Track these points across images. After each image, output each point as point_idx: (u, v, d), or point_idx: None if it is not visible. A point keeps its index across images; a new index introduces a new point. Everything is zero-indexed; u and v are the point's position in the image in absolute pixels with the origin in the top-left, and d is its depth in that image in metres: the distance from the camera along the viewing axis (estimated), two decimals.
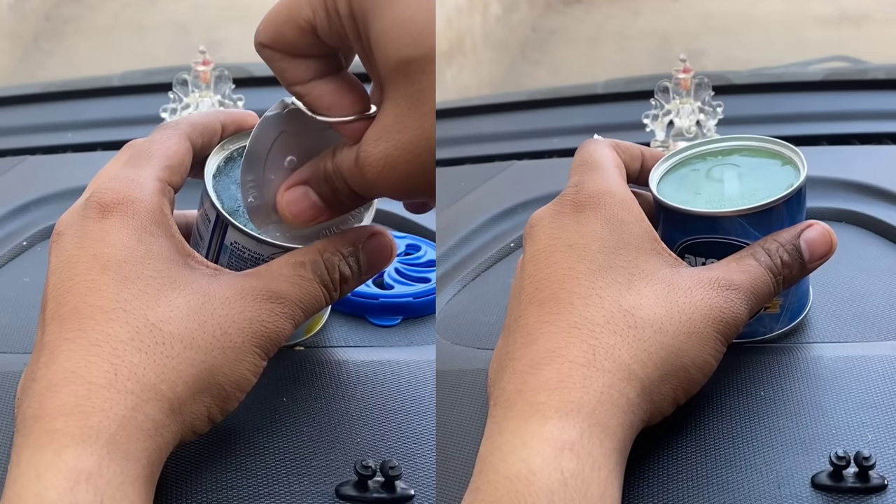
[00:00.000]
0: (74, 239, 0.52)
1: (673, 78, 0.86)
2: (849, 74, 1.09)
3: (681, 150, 0.61)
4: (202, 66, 0.87)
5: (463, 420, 0.59)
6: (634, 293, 0.51)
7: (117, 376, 0.48)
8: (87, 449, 0.45)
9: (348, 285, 0.55)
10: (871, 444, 0.53)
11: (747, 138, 0.61)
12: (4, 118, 1.03)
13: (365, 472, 0.51)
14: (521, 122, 1.08)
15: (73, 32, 2.69)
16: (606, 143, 0.59)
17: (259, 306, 0.51)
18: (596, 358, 0.49)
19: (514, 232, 0.80)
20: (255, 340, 0.51)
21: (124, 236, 0.51)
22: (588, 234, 0.53)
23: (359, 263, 0.55)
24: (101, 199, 0.52)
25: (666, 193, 0.58)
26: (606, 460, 0.47)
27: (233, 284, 0.52)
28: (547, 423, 0.47)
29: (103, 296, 0.50)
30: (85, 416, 0.46)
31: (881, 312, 0.63)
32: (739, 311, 0.53)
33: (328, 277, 0.54)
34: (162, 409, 0.48)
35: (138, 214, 0.52)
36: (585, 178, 0.56)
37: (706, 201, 0.57)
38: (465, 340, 0.67)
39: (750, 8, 2.87)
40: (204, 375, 0.49)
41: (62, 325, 0.49)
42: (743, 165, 0.60)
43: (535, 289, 0.53)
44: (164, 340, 0.49)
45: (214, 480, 0.52)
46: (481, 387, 0.59)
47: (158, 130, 0.56)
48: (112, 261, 0.51)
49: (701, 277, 0.53)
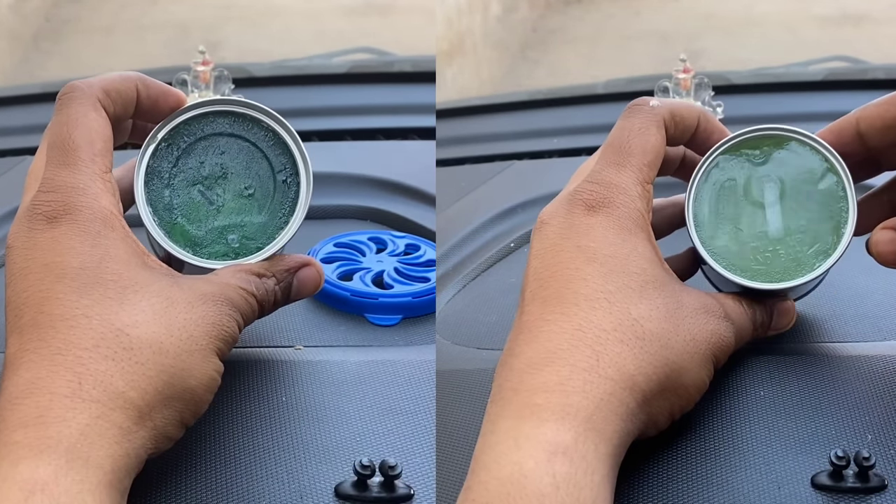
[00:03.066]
0: (23, 251, 0.51)
1: (673, 78, 0.86)
2: (849, 74, 1.09)
3: (715, 148, 0.57)
4: (202, 66, 0.87)
5: (463, 420, 0.59)
6: (646, 303, 0.51)
7: (81, 385, 0.47)
8: (43, 459, 0.45)
9: (276, 307, 0.57)
10: (870, 444, 0.53)
11: (778, 129, 0.58)
12: (4, 118, 1.03)
13: (364, 471, 0.51)
14: (521, 122, 1.08)
15: (73, 32, 2.69)
16: (655, 122, 0.56)
17: (219, 310, 0.52)
18: (599, 364, 0.49)
19: (514, 232, 0.80)
20: (217, 343, 0.51)
21: (76, 243, 0.51)
22: (599, 238, 0.52)
23: (289, 289, 0.57)
24: (46, 211, 0.51)
25: (702, 223, 0.56)
26: (600, 465, 0.46)
27: (193, 288, 0.52)
28: (542, 425, 0.47)
29: (62, 304, 0.49)
30: (44, 427, 0.46)
31: (881, 312, 0.63)
32: (732, 343, 0.54)
33: (265, 298, 0.55)
34: (130, 416, 0.47)
35: (88, 220, 0.51)
36: (607, 172, 0.54)
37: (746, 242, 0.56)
38: (465, 340, 0.67)
39: (750, 8, 2.87)
40: (174, 380, 0.49)
41: (21, 336, 0.49)
42: (784, 175, 0.57)
43: (538, 286, 0.52)
44: (132, 346, 0.49)
45: (213, 480, 0.52)
46: (481, 387, 0.59)
47: (69, 102, 0.54)
48: (67, 268, 0.50)
49: (706, 302, 0.53)
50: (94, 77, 0.56)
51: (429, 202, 0.79)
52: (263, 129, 0.58)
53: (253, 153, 0.58)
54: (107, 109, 0.55)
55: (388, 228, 0.77)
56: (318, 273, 0.58)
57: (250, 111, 0.58)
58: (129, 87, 0.56)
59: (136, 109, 0.56)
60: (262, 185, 0.57)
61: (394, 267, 0.70)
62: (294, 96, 1.02)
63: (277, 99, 1.01)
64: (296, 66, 1.11)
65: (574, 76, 2.58)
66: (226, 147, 0.57)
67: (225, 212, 0.57)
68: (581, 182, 0.54)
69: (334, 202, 0.80)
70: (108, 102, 0.55)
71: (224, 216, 0.57)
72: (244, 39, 2.44)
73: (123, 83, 0.56)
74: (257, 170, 0.57)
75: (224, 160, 0.57)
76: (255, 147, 0.58)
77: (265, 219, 0.57)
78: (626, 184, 0.54)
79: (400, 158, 0.89)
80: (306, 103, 1.01)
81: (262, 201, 0.57)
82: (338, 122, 0.98)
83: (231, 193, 0.57)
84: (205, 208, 0.57)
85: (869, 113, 0.57)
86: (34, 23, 2.69)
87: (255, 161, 0.58)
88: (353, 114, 1.00)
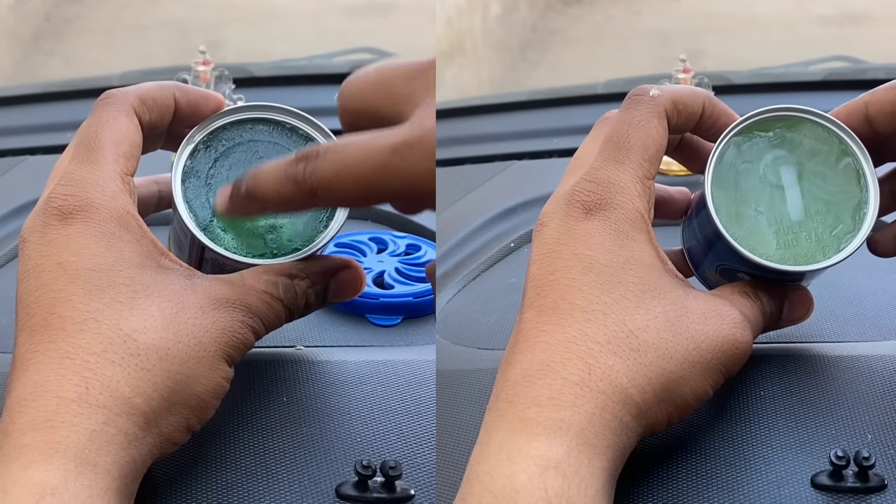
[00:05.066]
0: (38, 247, 0.50)
1: (673, 78, 0.86)
2: (849, 74, 1.09)
3: (727, 132, 0.56)
4: (202, 66, 0.87)
5: (463, 420, 0.59)
6: (643, 312, 0.50)
7: (88, 390, 0.47)
8: (53, 464, 0.45)
9: (309, 310, 0.55)
10: (870, 444, 0.53)
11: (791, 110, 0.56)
12: (4, 118, 1.03)
13: (365, 471, 0.51)
14: (521, 122, 1.08)
15: (73, 32, 2.69)
16: (656, 113, 0.54)
17: (231, 316, 0.51)
18: (591, 378, 0.48)
19: (514, 232, 0.80)
20: (226, 350, 0.50)
21: (91, 243, 0.50)
22: (596, 245, 0.51)
23: (325, 292, 0.55)
24: (62, 206, 0.51)
25: (722, 208, 0.54)
26: (594, 479, 0.46)
27: (207, 291, 0.51)
28: (534, 439, 0.46)
29: (73, 306, 0.49)
30: (53, 431, 0.46)
31: (881, 312, 0.63)
32: (747, 345, 0.52)
33: (295, 302, 0.54)
34: (136, 422, 0.47)
35: (104, 220, 0.51)
36: (605, 170, 0.53)
37: (769, 225, 0.55)
38: (465, 340, 0.67)
39: (750, 8, 2.87)
40: (180, 387, 0.49)
41: (31, 337, 0.48)
42: (800, 156, 0.56)
43: (536, 293, 0.51)
44: (139, 352, 0.48)
45: (214, 480, 0.52)
46: (481, 387, 0.59)
47: (103, 107, 0.54)
48: (81, 269, 0.49)
49: (716, 305, 0.51)
50: (132, 86, 0.56)
51: None
52: (301, 137, 0.57)
53: None
54: (140, 117, 0.54)
55: (389, 228, 0.77)
56: (359, 276, 0.56)
57: (289, 119, 0.57)
58: (165, 95, 0.55)
59: (174, 116, 0.56)
60: None
61: (394, 267, 0.70)
62: (294, 96, 1.02)
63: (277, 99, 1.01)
64: (296, 66, 1.11)
65: (574, 76, 2.58)
66: (264, 152, 0.57)
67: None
68: (579, 180, 0.53)
69: None
70: (142, 110, 0.55)
71: (262, 217, 0.56)
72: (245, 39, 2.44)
73: (160, 91, 0.55)
74: None
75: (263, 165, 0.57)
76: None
77: (305, 220, 0.56)
78: (624, 182, 0.52)
79: None
80: (306, 103, 1.00)
81: None
82: (338, 123, 0.98)
83: None
84: None
85: (878, 97, 0.55)
86: (34, 23, 2.69)
87: None
88: None
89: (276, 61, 1.14)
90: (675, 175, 0.87)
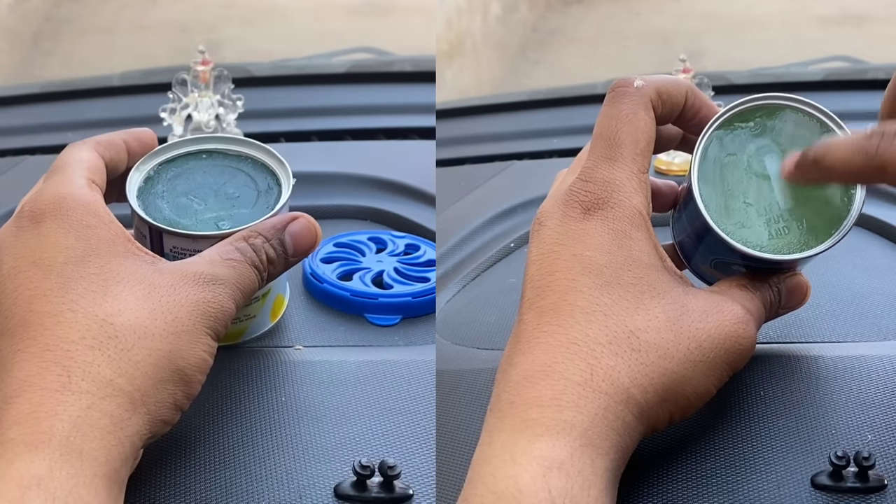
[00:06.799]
0: (11, 249, 0.52)
1: None
2: (849, 74, 1.09)
3: (709, 124, 0.56)
4: (201, 66, 0.87)
5: (463, 420, 0.59)
6: (643, 313, 0.50)
7: (70, 378, 0.47)
8: (38, 454, 0.45)
9: (276, 266, 0.56)
10: (871, 444, 0.53)
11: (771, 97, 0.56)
12: (4, 118, 1.03)
13: (363, 471, 0.51)
14: (521, 122, 1.08)
15: (73, 32, 2.69)
16: (643, 104, 0.54)
17: (203, 289, 0.52)
18: (594, 378, 0.48)
19: (514, 232, 0.80)
20: (205, 321, 0.51)
21: (60, 237, 0.52)
22: (595, 246, 0.51)
23: (283, 245, 0.57)
24: (32, 208, 0.53)
25: (711, 203, 0.54)
26: (598, 479, 0.46)
27: (174, 272, 0.52)
28: (537, 440, 0.46)
29: (49, 300, 0.50)
30: (37, 422, 0.46)
31: (881, 312, 0.63)
32: (751, 340, 0.52)
33: (256, 259, 0.55)
34: (120, 403, 0.48)
35: (71, 211, 0.52)
36: (600, 169, 0.53)
37: (758, 216, 0.54)
38: (465, 340, 0.67)
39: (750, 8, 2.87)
40: (163, 363, 0.49)
41: (12, 338, 0.49)
42: (783, 143, 0.55)
43: (535, 294, 0.51)
44: (117, 334, 0.49)
45: (213, 480, 0.52)
46: (481, 387, 0.59)
47: (67, 148, 0.57)
48: (53, 264, 0.51)
49: (717, 302, 0.51)
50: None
51: (429, 202, 0.79)
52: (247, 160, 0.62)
53: (236, 174, 0.62)
54: (99, 151, 0.58)
55: (388, 228, 0.77)
56: (310, 224, 0.58)
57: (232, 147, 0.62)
58: (116, 139, 0.59)
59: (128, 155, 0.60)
60: (247, 193, 0.61)
61: (393, 267, 0.70)
62: (294, 96, 1.02)
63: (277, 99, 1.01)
64: (296, 66, 1.11)
65: (574, 76, 2.58)
66: (210, 171, 0.62)
67: (214, 208, 0.60)
68: (575, 180, 0.53)
69: (334, 202, 0.80)
70: (101, 149, 0.58)
71: (213, 211, 0.59)
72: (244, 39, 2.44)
73: (110, 136, 0.59)
74: (243, 182, 0.61)
75: (208, 179, 0.61)
76: (239, 171, 0.62)
77: (252, 210, 0.59)
78: (620, 180, 0.52)
79: (400, 158, 0.89)
80: (306, 103, 1.01)
81: (248, 201, 0.60)
82: (338, 122, 0.98)
83: (219, 197, 0.60)
84: (195, 207, 0.60)
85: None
86: (34, 23, 2.69)
87: (239, 177, 0.61)
88: (353, 114, 1.00)
89: (275, 61, 1.14)
90: (675, 175, 0.87)
